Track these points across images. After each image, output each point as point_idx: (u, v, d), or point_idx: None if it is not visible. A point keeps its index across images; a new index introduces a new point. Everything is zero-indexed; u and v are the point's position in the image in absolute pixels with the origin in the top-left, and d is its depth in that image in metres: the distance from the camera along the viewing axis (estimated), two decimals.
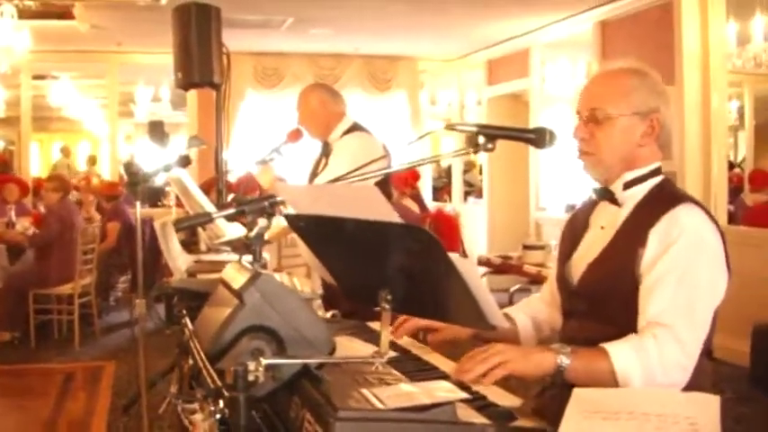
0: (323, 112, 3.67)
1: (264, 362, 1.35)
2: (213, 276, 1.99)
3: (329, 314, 2.29)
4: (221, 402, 1.35)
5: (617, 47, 6.84)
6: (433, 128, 10.40)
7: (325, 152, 3.68)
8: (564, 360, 1.59)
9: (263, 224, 1.62)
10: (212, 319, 1.57)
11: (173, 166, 3.35)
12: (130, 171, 9.24)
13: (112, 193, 8.03)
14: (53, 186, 6.66)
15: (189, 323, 1.81)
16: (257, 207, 1.64)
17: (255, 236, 1.61)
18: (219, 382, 1.38)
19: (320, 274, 3.43)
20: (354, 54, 9.47)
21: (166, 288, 2.21)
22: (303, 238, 1.90)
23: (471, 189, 11.65)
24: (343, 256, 1.68)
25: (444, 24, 7.86)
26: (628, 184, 1.82)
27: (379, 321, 1.56)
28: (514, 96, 9.22)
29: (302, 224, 1.72)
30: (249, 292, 1.45)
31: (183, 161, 3.36)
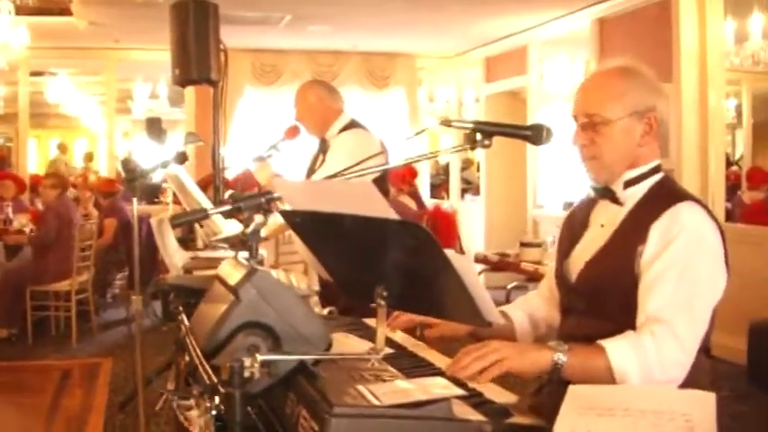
0: (320, 108, 3.67)
1: (260, 358, 1.35)
2: (210, 273, 1.98)
3: (326, 311, 2.29)
4: (217, 399, 1.35)
5: (615, 44, 6.84)
6: (430, 124, 10.40)
7: (323, 149, 3.68)
8: (561, 357, 1.59)
9: (259, 220, 1.62)
10: (208, 316, 1.57)
11: (170, 162, 3.34)
12: (128, 168, 9.21)
13: (110, 189, 8.03)
14: (51, 183, 6.66)
15: (185, 320, 1.81)
16: (253, 203, 1.64)
17: (252, 232, 1.61)
18: (215, 379, 1.38)
19: (317, 270, 3.43)
20: (352, 51, 9.46)
21: (163, 285, 2.20)
22: (299, 234, 1.90)
23: (469, 186, 11.64)
24: (339, 252, 1.68)
25: (442, 21, 7.86)
26: (628, 183, 1.82)
27: (375, 318, 1.56)
28: (512, 94, 9.21)
29: (298, 220, 1.72)
30: (245, 288, 1.45)
31: (181, 158, 3.35)
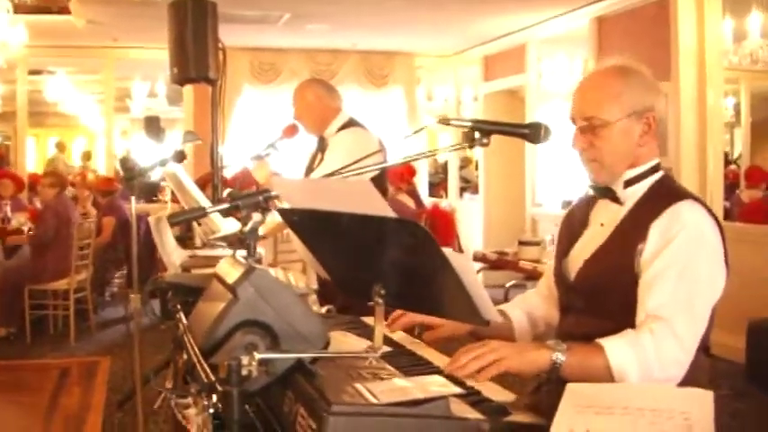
0: (319, 107, 3.66)
1: (258, 356, 1.35)
2: (208, 271, 1.98)
3: (324, 309, 2.28)
4: (215, 397, 1.35)
5: (613, 43, 6.84)
6: (428, 123, 10.39)
7: (321, 147, 3.68)
8: (559, 357, 1.59)
9: (257, 219, 1.62)
10: (206, 314, 1.57)
11: (168, 161, 3.34)
12: (126, 166, 9.21)
13: (108, 188, 8.01)
14: (50, 182, 6.65)
15: (183, 318, 1.81)
16: (251, 202, 1.64)
17: (250, 230, 1.61)
18: (213, 377, 1.38)
19: (315, 269, 3.43)
20: (351, 50, 9.46)
21: (161, 283, 2.20)
22: (296, 233, 1.89)
23: (467, 185, 11.63)
24: (337, 250, 1.68)
25: (441, 20, 7.85)
26: (628, 182, 1.82)
27: (373, 317, 1.56)
28: (511, 92, 9.21)
29: (296, 218, 1.72)
30: (243, 286, 1.45)
31: (179, 156, 3.35)
